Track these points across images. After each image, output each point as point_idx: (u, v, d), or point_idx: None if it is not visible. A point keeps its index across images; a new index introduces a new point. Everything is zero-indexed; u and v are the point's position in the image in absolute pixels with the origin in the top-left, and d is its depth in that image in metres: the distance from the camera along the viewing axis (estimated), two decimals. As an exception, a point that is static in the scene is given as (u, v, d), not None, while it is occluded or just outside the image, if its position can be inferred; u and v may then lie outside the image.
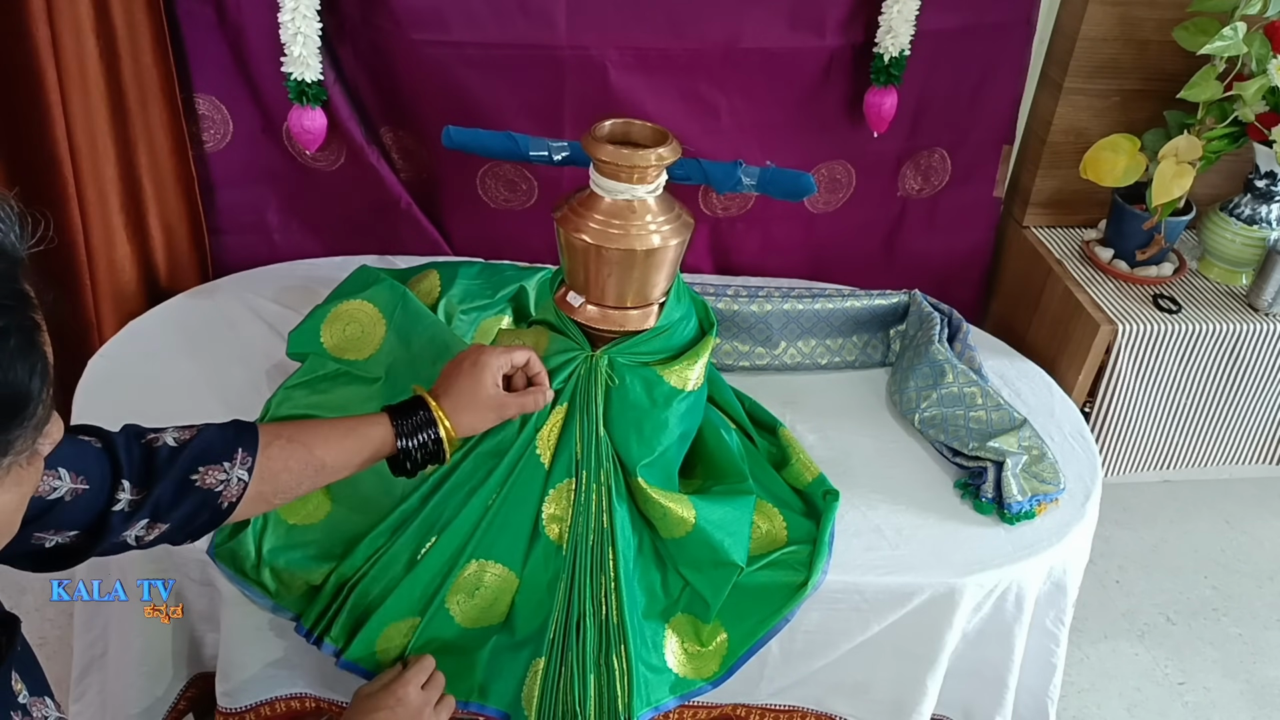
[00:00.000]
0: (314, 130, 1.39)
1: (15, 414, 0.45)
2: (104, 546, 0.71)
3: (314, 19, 1.32)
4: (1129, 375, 1.52)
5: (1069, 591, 1.16)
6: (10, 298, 0.44)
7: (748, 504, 1.06)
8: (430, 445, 0.87)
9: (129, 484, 0.72)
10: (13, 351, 0.44)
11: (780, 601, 1.02)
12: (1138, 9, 1.49)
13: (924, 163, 1.64)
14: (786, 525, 1.08)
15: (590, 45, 1.40)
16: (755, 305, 1.35)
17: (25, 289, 0.46)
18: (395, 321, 1.16)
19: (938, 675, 1.11)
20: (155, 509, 0.74)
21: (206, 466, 0.76)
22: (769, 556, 1.04)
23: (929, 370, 1.26)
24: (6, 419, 0.44)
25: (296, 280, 1.44)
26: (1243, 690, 1.60)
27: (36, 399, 0.45)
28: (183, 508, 0.75)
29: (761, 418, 1.22)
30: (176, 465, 0.75)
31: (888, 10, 1.41)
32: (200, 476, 0.76)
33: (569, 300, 0.98)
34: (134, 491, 0.72)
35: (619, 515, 0.98)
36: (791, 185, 1.10)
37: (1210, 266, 1.62)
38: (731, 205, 1.63)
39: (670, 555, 1.02)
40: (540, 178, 1.56)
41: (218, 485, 0.77)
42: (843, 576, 1.04)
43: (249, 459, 0.79)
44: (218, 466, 0.77)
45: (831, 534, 1.07)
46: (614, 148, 0.89)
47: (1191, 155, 1.41)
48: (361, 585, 0.98)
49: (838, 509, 1.10)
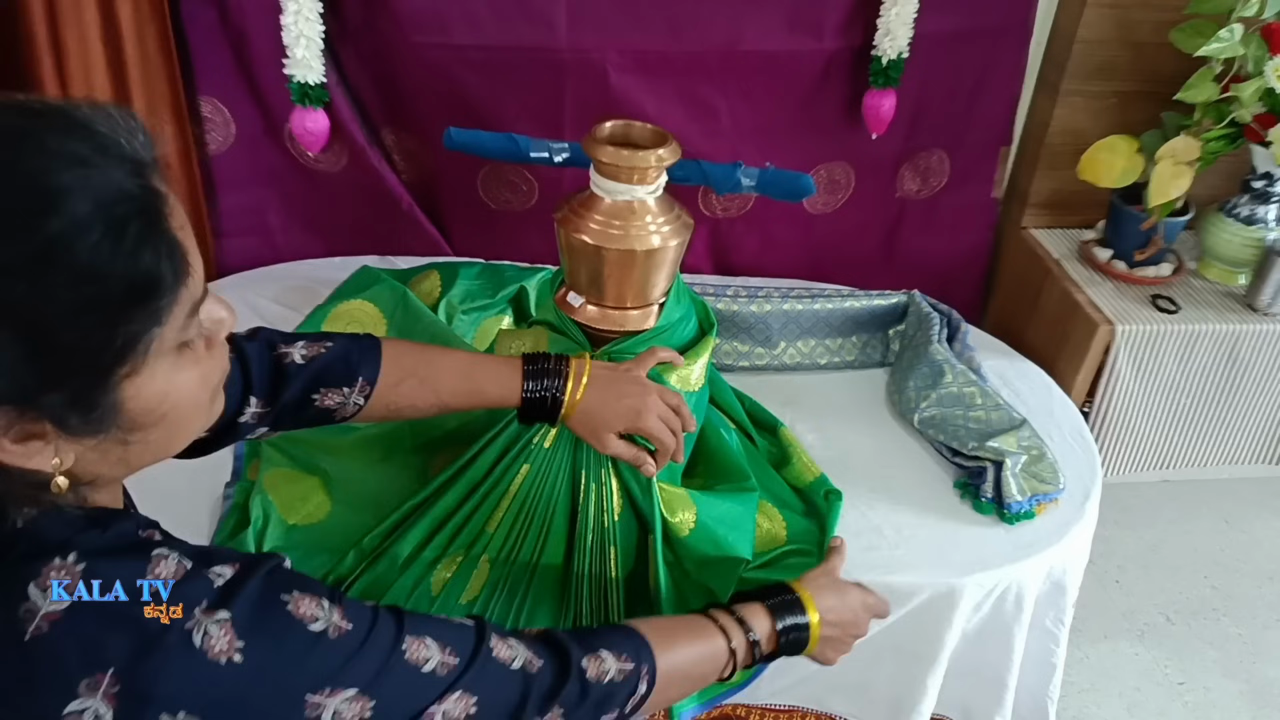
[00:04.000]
0: (316, 132, 1.40)
1: (149, 293, 0.48)
2: (226, 444, 0.78)
3: (316, 21, 1.32)
4: (1128, 375, 1.52)
5: (1069, 591, 1.16)
6: (134, 190, 0.48)
7: (751, 500, 1.06)
8: (550, 395, 0.86)
9: (256, 399, 0.77)
10: (136, 237, 0.47)
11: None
12: (1135, 11, 1.50)
13: (923, 164, 1.65)
14: (786, 525, 1.08)
15: (590, 47, 1.40)
16: (755, 306, 1.35)
17: (154, 185, 0.49)
18: (396, 321, 1.16)
19: (937, 675, 1.11)
20: (276, 421, 0.80)
21: (327, 389, 0.81)
22: (769, 555, 1.04)
23: (928, 370, 1.27)
24: (143, 296, 0.48)
25: (298, 281, 1.45)
26: (1242, 690, 1.60)
27: (170, 279, 0.49)
28: (300, 419, 0.81)
29: (761, 418, 1.22)
30: (300, 383, 0.79)
31: (886, 13, 1.41)
32: (320, 397, 0.81)
33: (569, 301, 0.98)
34: (260, 405, 0.78)
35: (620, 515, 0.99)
36: (791, 186, 1.10)
37: (1208, 267, 1.63)
38: (731, 206, 1.64)
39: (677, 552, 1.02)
40: (540, 179, 1.56)
41: (334, 406, 0.82)
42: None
43: (368, 387, 0.82)
44: (337, 390, 0.81)
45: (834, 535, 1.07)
46: (614, 149, 0.90)
47: (1189, 156, 1.41)
48: (359, 584, 0.98)
49: (841, 509, 1.10)
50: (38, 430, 0.48)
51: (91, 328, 0.47)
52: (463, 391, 0.86)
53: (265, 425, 0.80)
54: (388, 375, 0.84)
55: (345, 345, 0.83)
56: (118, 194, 0.47)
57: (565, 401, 0.87)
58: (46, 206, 0.45)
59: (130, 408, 0.50)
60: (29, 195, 0.45)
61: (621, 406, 0.88)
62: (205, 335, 0.54)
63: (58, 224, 0.45)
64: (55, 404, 0.47)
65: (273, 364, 0.79)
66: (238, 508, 1.06)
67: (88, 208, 0.45)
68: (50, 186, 0.45)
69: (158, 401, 0.52)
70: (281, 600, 0.54)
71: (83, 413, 0.48)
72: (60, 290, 0.45)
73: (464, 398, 0.87)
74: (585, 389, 0.87)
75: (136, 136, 0.49)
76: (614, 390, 0.89)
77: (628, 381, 0.90)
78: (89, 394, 0.48)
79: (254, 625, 0.51)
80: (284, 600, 0.54)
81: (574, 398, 0.87)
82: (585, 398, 0.87)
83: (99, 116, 0.49)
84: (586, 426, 0.89)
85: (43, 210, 0.45)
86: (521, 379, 0.86)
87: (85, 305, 0.46)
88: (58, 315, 0.45)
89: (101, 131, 0.48)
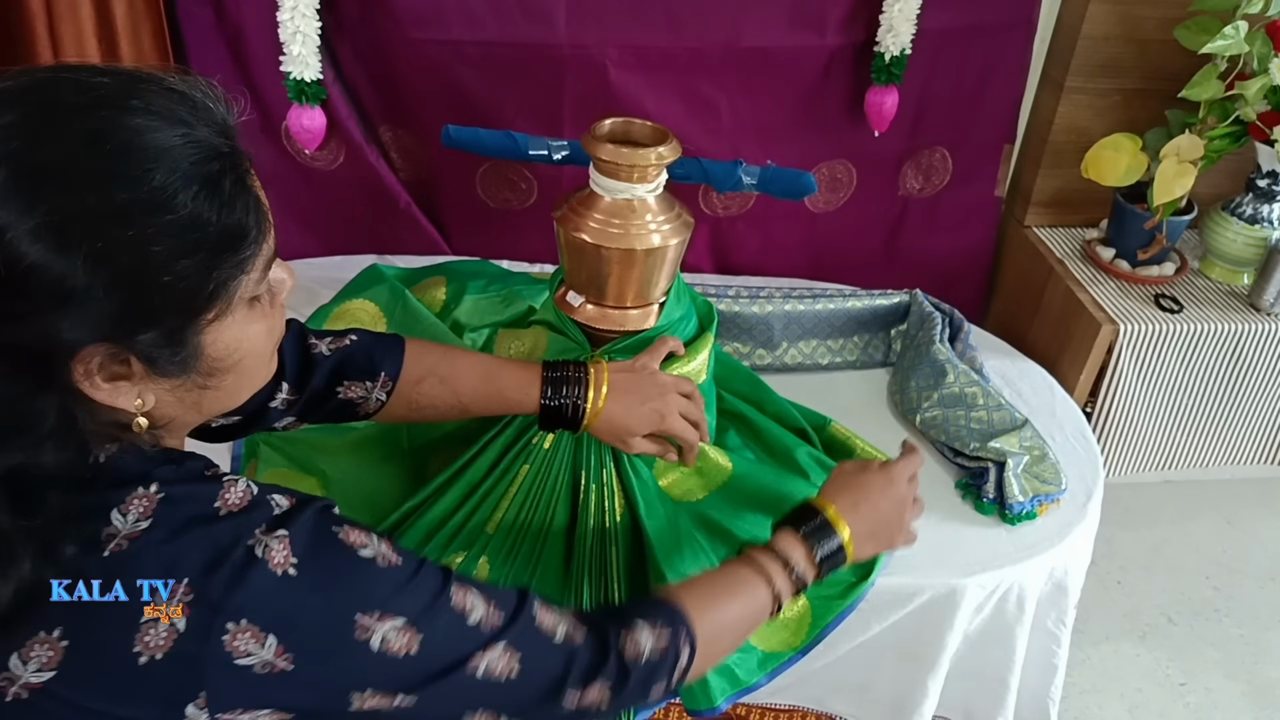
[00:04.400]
0: (313, 129, 1.39)
1: (238, 243, 0.54)
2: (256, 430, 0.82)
3: (313, 18, 1.31)
4: (1130, 375, 1.51)
5: (1070, 592, 1.16)
6: (225, 149, 0.53)
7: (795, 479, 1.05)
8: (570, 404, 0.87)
9: (287, 385, 0.81)
10: (230, 190, 0.53)
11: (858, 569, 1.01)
12: (1139, 8, 1.49)
13: (925, 162, 1.64)
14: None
15: (590, 44, 1.39)
16: (756, 306, 1.34)
17: (238, 146, 0.55)
18: (396, 320, 1.16)
19: (939, 676, 1.11)
20: (304, 410, 0.83)
21: (350, 381, 0.84)
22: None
23: (930, 370, 1.26)
24: (233, 247, 0.53)
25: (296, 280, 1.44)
26: (1244, 691, 1.59)
27: (254, 232, 0.55)
28: (325, 410, 0.84)
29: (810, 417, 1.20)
30: (324, 372, 0.82)
31: (889, 9, 1.40)
32: (344, 389, 0.84)
33: (569, 300, 0.98)
34: (290, 392, 0.81)
35: (620, 515, 0.98)
36: (792, 184, 1.10)
37: (1212, 266, 1.62)
38: (732, 205, 1.63)
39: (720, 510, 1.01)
40: (540, 177, 1.55)
41: (357, 399, 0.84)
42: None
43: (390, 383, 0.84)
44: (359, 384, 0.84)
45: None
46: (614, 147, 0.89)
47: (1193, 154, 1.41)
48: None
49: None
50: (125, 371, 0.53)
51: (189, 272, 0.51)
52: (483, 394, 0.87)
53: (293, 415, 0.83)
54: (410, 372, 0.85)
55: (369, 340, 0.86)
56: (212, 152, 0.52)
57: (588, 410, 0.87)
58: (152, 160, 0.50)
59: (210, 353, 0.56)
60: (136, 150, 0.50)
61: (645, 411, 0.89)
62: (272, 291, 0.60)
63: (162, 176, 0.50)
64: (149, 341, 0.52)
65: (303, 353, 0.82)
66: (235, 508, 1.05)
67: (187, 162, 0.51)
68: (155, 143, 0.50)
69: (233, 349, 0.57)
70: (333, 530, 0.58)
71: (172, 351, 0.53)
72: (163, 235, 0.50)
73: (483, 400, 0.88)
74: (606, 398, 0.88)
75: (221, 103, 0.55)
76: (636, 395, 0.90)
77: (648, 383, 0.91)
78: (180, 333, 0.53)
79: (308, 546, 0.55)
80: (334, 530, 0.58)
81: (596, 406, 0.88)
82: (608, 406, 0.88)
83: (190, 83, 0.54)
84: (612, 433, 0.90)
85: (149, 163, 0.50)
86: (540, 385, 0.87)
87: (186, 250, 0.51)
88: (160, 258, 0.50)
89: (195, 96, 0.54)
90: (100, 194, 0.49)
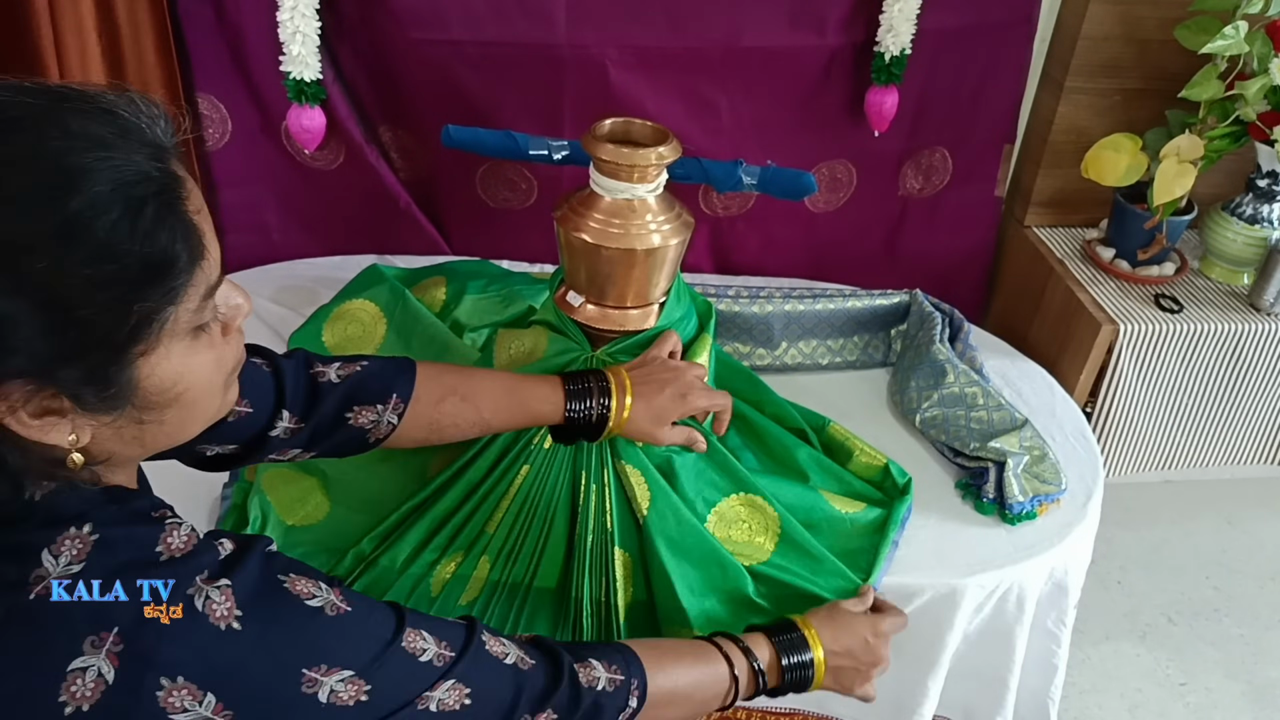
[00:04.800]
0: (313, 129, 1.39)
1: (162, 274, 0.50)
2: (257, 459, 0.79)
3: (313, 18, 1.31)
4: (1130, 375, 1.51)
5: (1070, 592, 1.16)
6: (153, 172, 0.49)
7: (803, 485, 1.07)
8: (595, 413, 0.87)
9: (289, 413, 0.78)
10: (152, 218, 0.49)
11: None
12: (1139, 8, 1.49)
13: (925, 162, 1.64)
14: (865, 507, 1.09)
15: (590, 44, 1.39)
16: (756, 306, 1.34)
17: (172, 169, 0.51)
18: (395, 320, 1.16)
19: (938, 676, 1.11)
20: (310, 439, 0.80)
21: (360, 406, 0.81)
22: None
23: (930, 370, 1.26)
24: (155, 278, 0.49)
25: (295, 280, 1.44)
26: (1244, 691, 1.59)
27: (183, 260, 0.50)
28: (334, 439, 0.81)
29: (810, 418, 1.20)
30: (334, 400, 0.79)
31: (889, 9, 1.40)
32: (354, 415, 0.81)
33: (569, 300, 0.98)
34: (293, 420, 0.78)
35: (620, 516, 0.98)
36: (792, 184, 1.10)
37: (1212, 266, 1.62)
38: (732, 205, 1.63)
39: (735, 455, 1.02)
40: (540, 177, 1.55)
41: (368, 425, 0.81)
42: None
43: (401, 405, 0.82)
44: (370, 408, 0.81)
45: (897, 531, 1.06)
46: (614, 146, 0.89)
47: (1193, 154, 1.40)
48: (358, 585, 0.97)
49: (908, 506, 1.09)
50: (56, 406, 0.49)
51: (107, 304, 0.48)
52: (505, 408, 0.87)
53: (299, 446, 0.80)
54: (429, 393, 0.84)
55: (380, 363, 0.84)
56: (136, 176, 0.49)
57: (612, 419, 0.88)
58: (68, 185, 0.46)
59: (145, 386, 0.52)
60: (51, 174, 0.47)
61: (666, 397, 0.90)
62: (221, 320, 0.56)
63: (78, 202, 0.46)
64: (71, 379, 0.49)
65: (309, 381, 0.80)
66: (236, 508, 1.06)
67: (107, 188, 0.47)
68: (72, 166, 0.47)
69: (172, 382, 0.53)
70: (279, 579, 0.55)
71: (98, 388, 0.50)
72: (78, 266, 0.46)
73: (507, 414, 0.87)
74: (630, 407, 0.88)
75: (158, 123, 0.52)
76: (654, 385, 0.90)
77: (661, 371, 0.92)
78: (104, 370, 0.50)
79: (253, 596, 0.53)
80: (281, 579, 0.55)
81: (621, 415, 0.88)
82: (633, 412, 0.88)
83: (122, 102, 0.51)
84: (641, 431, 0.90)
85: (64, 189, 0.46)
86: (564, 399, 0.87)
87: (102, 282, 0.47)
88: (75, 290, 0.47)
89: (124, 116, 0.50)
90: (8, 222, 0.45)
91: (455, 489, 0.97)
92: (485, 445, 0.97)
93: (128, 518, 0.54)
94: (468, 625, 0.66)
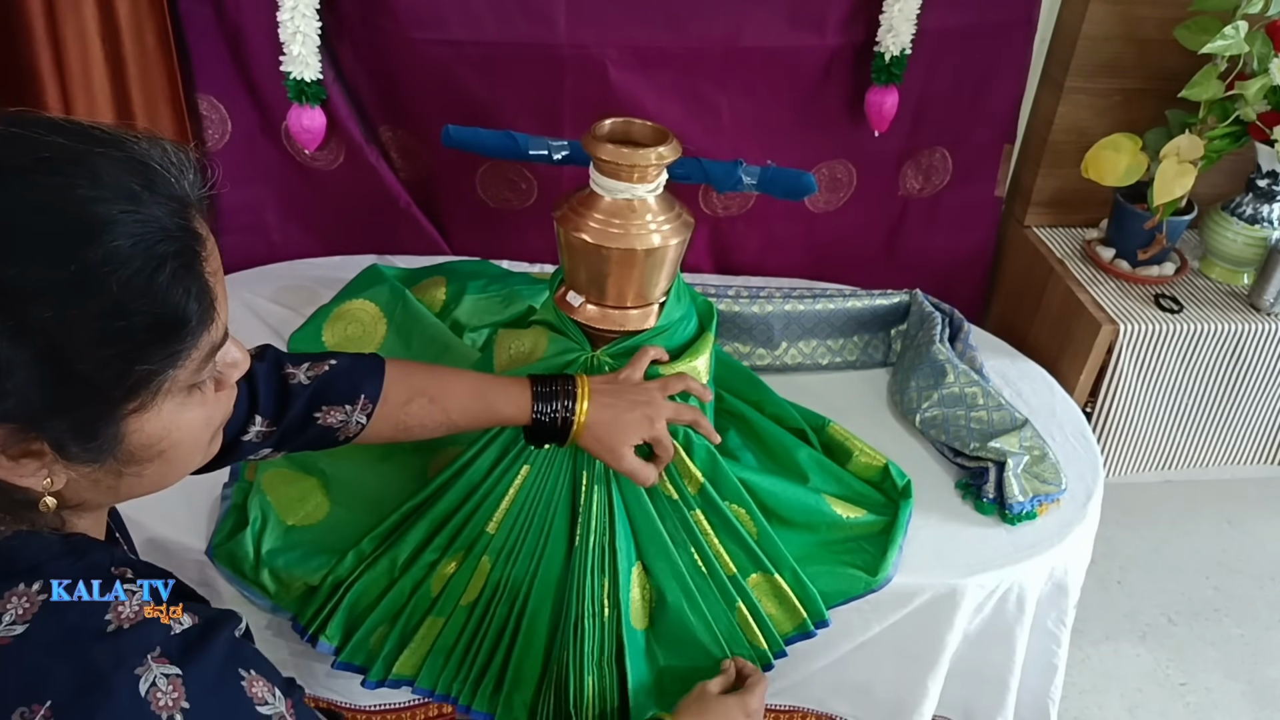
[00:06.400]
0: (313, 129, 1.39)
1: (172, 334, 0.49)
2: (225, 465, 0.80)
3: (313, 18, 1.31)
4: (1130, 375, 1.51)
5: (1070, 592, 1.16)
6: (175, 230, 0.48)
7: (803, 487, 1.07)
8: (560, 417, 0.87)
9: (261, 418, 0.78)
10: (169, 277, 0.47)
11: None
12: (1139, 8, 1.49)
13: (925, 162, 1.64)
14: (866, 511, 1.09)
15: (590, 44, 1.39)
16: (756, 306, 1.34)
17: (194, 226, 0.50)
18: (395, 320, 1.16)
19: (939, 676, 1.11)
20: (280, 441, 0.81)
21: (329, 406, 0.81)
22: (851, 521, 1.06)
23: (930, 370, 1.26)
24: (165, 337, 0.48)
25: (295, 280, 1.44)
26: (1244, 691, 1.59)
27: (194, 322, 0.49)
28: (303, 438, 0.82)
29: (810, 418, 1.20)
30: (303, 401, 0.80)
31: (889, 9, 1.40)
32: (322, 415, 0.81)
33: (569, 300, 0.98)
34: (265, 424, 0.79)
35: (620, 516, 0.98)
36: (792, 184, 1.10)
37: (1212, 266, 1.62)
38: (732, 204, 1.63)
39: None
40: (540, 177, 1.55)
41: (336, 424, 0.82)
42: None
43: (370, 405, 0.82)
44: (338, 408, 0.82)
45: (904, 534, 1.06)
46: (614, 146, 0.89)
47: (1193, 154, 1.40)
48: (358, 585, 0.97)
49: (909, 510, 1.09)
50: (35, 449, 0.48)
51: (108, 361, 0.47)
52: (473, 410, 0.87)
53: (269, 446, 0.81)
54: (396, 394, 0.84)
55: (349, 363, 0.83)
56: (159, 232, 0.47)
57: (575, 422, 0.88)
58: (88, 237, 0.45)
59: (131, 442, 0.51)
60: (74, 223, 0.45)
61: (633, 417, 0.89)
62: (216, 377, 0.55)
63: (96, 254, 0.45)
64: (57, 429, 0.48)
65: (280, 383, 0.80)
66: (236, 508, 1.06)
67: (128, 243, 0.46)
68: (95, 217, 0.45)
69: (159, 438, 0.52)
70: (239, 674, 0.52)
71: (83, 441, 0.49)
72: (86, 320, 0.45)
73: (474, 416, 0.87)
74: (589, 408, 0.88)
75: (186, 175, 0.50)
76: (624, 400, 0.90)
77: (631, 390, 0.91)
78: (92, 424, 0.49)
79: (204, 692, 0.49)
80: (241, 675, 0.52)
81: (581, 418, 0.88)
82: (592, 414, 0.88)
83: (154, 152, 0.49)
84: (601, 443, 0.89)
85: (85, 239, 0.45)
86: (531, 400, 0.87)
87: (107, 338, 0.46)
88: (79, 344, 0.45)
89: (155, 167, 0.48)
90: (22, 267, 0.44)
91: (455, 489, 0.97)
92: (485, 445, 0.97)
93: (86, 573, 0.51)
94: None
